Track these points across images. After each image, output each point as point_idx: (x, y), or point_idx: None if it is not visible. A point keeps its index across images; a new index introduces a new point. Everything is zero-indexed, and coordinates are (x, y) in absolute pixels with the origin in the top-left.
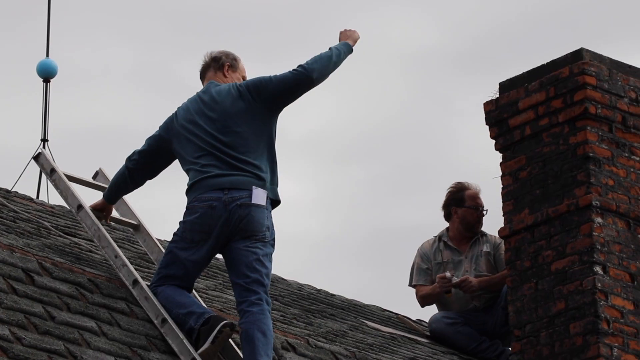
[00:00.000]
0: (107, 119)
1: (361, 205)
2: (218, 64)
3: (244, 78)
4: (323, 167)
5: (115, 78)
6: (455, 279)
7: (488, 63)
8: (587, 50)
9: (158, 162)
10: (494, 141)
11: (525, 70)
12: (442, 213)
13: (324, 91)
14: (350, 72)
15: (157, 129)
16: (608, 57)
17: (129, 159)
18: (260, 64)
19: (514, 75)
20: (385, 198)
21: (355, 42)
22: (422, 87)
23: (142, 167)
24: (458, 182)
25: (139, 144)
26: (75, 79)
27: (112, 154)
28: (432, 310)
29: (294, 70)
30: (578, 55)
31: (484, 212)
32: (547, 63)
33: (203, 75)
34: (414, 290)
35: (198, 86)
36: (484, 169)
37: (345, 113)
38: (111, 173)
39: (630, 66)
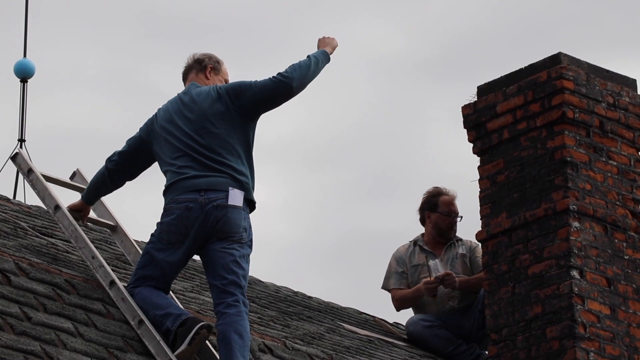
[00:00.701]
0: (78, 122)
1: (330, 210)
2: (200, 66)
3: (226, 81)
4: (292, 172)
5: (85, 81)
6: (438, 272)
7: (456, 69)
8: (565, 55)
9: (138, 164)
10: (471, 144)
11: (502, 75)
12: (417, 216)
13: (294, 99)
14: (320, 78)
15: (138, 130)
16: (586, 62)
17: (109, 160)
18: (232, 69)
19: (492, 79)
20: (353, 203)
21: (333, 49)
22: (390, 93)
23: (122, 168)
24: (435, 187)
25: (109, 148)
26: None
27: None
28: (409, 313)
29: (273, 78)
30: (556, 60)
31: (457, 219)
32: (525, 67)
33: (185, 76)
34: (388, 294)
35: (169, 90)
36: (452, 175)
37: (314, 119)
38: (87, 175)
39: (607, 71)
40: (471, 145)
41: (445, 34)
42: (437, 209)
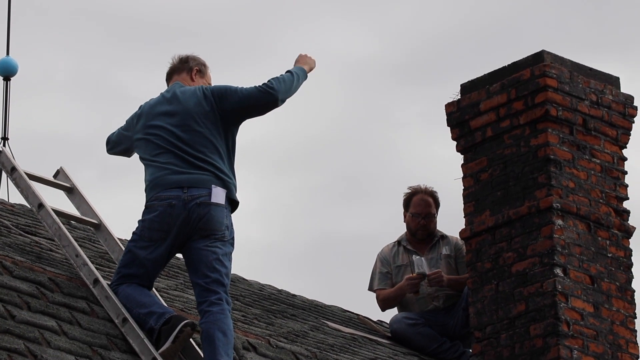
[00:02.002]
0: (49, 125)
1: (301, 214)
2: (186, 68)
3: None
4: (263, 176)
5: (55, 85)
6: (425, 272)
7: (426, 73)
8: (549, 53)
9: (127, 150)
10: (454, 143)
11: (485, 73)
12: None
13: None
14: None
15: (125, 122)
16: (569, 60)
17: (107, 140)
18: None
19: (475, 77)
20: (324, 207)
21: (310, 70)
22: (361, 97)
23: (115, 151)
24: (415, 185)
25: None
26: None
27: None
28: (393, 311)
29: (260, 87)
30: (539, 58)
31: (423, 221)
32: (509, 65)
33: (169, 77)
34: (365, 295)
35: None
36: (422, 179)
37: (285, 122)
38: (70, 174)
39: (591, 69)
40: (454, 143)
41: (415, 38)
42: (408, 209)
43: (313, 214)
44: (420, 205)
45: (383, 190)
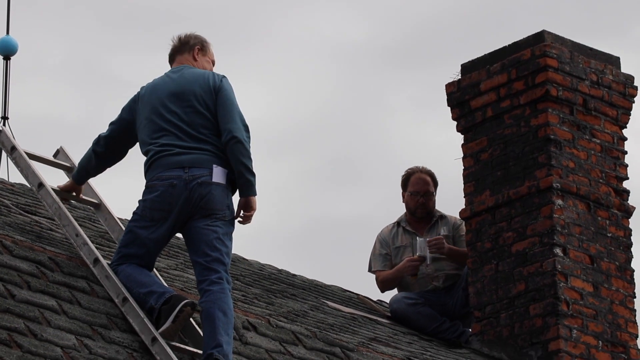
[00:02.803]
0: (42, 109)
1: (292, 197)
2: (187, 47)
3: (213, 62)
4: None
5: (49, 69)
6: (427, 256)
7: (418, 57)
8: (549, 33)
9: (124, 144)
10: (454, 123)
11: (487, 52)
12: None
13: (256, 84)
14: (282, 65)
15: (120, 111)
16: (570, 40)
17: (95, 143)
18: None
19: (475, 57)
20: (316, 191)
21: (252, 201)
22: (352, 81)
23: (108, 151)
24: (413, 166)
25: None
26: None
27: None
28: (393, 291)
29: (237, 133)
30: (540, 38)
31: (422, 199)
32: (509, 45)
33: (172, 58)
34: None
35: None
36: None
37: (276, 106)
38: (70, 153)
39: (591, 49)
40: (453, 124)
41: (407, 22)
42: (407, 188)
43: (304, 198)
44: (418, 183)
45: (374, 173)
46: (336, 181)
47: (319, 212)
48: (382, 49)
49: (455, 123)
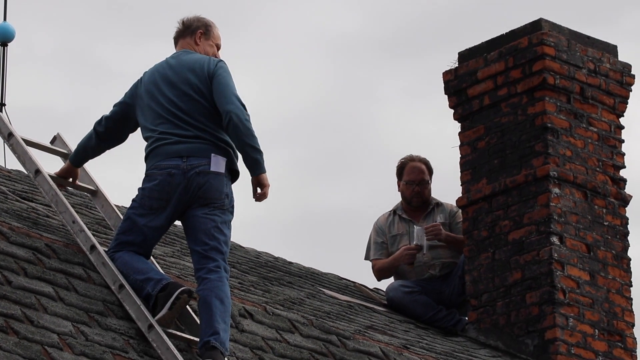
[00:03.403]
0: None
1: (285, 188)
2: (189, 31)
3: (218, 46)
4: None
5: (38, 58)
6: (424, 244)
7: (410, 48)
8: (546, 21)
9: (125, 127)
10: (452, 111)
11: (483, 40)
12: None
13: (248, 76)
14: (274, 56)
15: (123, 95)
16: (567, 28)
17: (97, 123)
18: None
19: (472, 45)
20: (307, 181)
21: (263, 177)
22: (344, 72)
23: (109, 132)
24: (408, 155)
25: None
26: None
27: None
28: (389, 279)
29: (236, 106)
30: (537, 26)
31: (417, 188)
32: (506, 33)
33: (176, 42)
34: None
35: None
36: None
37: (269, 97)
38: (67, 140)
39: (589, 37)
40: (452, 111)
41: (399, 13)
42: (402, 177)
43: (296, 189)
44: (413, 172)
45: (366, 164)
46: (328, 172)
47: (311, 203)
48: (374, 40)
49: (452, 111)
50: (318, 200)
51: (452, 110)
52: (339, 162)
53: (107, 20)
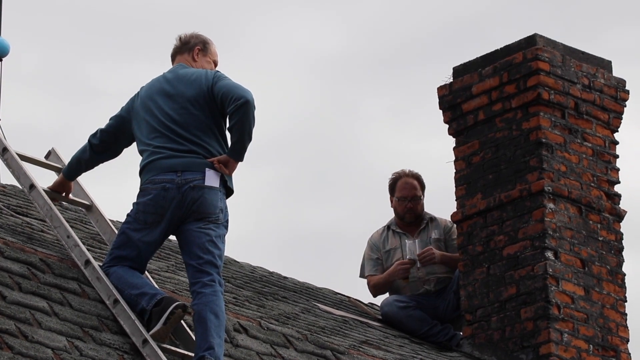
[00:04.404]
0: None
1: (270, 207)
2: (187, 47)
3: (215, 63)
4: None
5: (21, 77)
6: (417, 258)
7: (394, 67)
8: (541, 36)
9: (120, 142)
10: (446, 126)
11: (478, 56)
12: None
13: None
14: (259, 74)
15: (120, 109)
16: (562, 43)
17: (92, 136)
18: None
19: (467, 60)
20: (293, 200)
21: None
22: (330, 91)
23: (104, 145)
24: (399, 170)
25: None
26: None
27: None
28: (384, 294)
29: (243, 94)
30: (532, 41)
31: (410, 204)
32: (501, 48)
33: (173, 58)
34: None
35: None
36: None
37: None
38: (62, 155)
39: (583, 52)
40: (447, 126)
41: (384, 32)
42: (394, 193)
43: (282, 207)
44: (405, 188)
45: (350, 182)
46: (312, 190)
47: (296, 221)
48: (358, 59)
49: (435, 129)
50: (302, 219)
51: (447, 125)
52: (323, 180)
53: (92, 38)
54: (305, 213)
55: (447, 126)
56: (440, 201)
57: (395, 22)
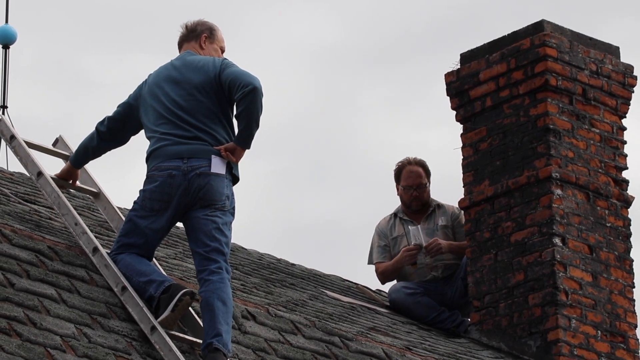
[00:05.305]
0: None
1: (268, 199)
2: (194, 35)
3: (222, 49)
4: None
5: (18, 68)
6: (422, 243)
7: (391, 58)
8: (548, 22)
9: (127, 129)
10: (454, 112)
11: (485, 42)
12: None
13: None
14: (256, 66)
15: (127, 96)
16: (569, 29)
17: (100, 124)
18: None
19: (475, 47)
20: (290, 192)
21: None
22: (327, 82)
23: (111, 132)
24: (404, 158)
25: (37, 135)
26: None
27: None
28: (392, 281)
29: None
30: (539, 27)
31: (415, 192)
32: (509, 34)
33: (180, 46)
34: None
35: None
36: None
37: None
38: (69, 142)
39: (591, 38)
40: (446, 116)
41: (380, 23)
42: (400, 182)
43: (280, 199)
44: (410, 177)
45: (347, 173)
46: (310, 182)
47: (294, 213)
48: (355, 50)
49: (432, 120)
50: (300, 210)
51: (454, 112)
52: (321, 171)
53: (89, 30)
54: (303, 204)
55: (446, 116)
56: (440, 190)
57: (392, 14)
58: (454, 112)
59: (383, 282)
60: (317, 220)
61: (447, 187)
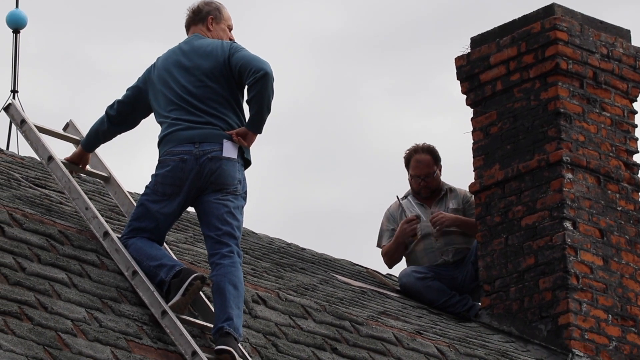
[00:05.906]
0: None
1: (272, 187)
2: (200, 17)
3: (230, 27)
4: None
5: (24, 58)
6: (420, 214)
7: (396, 48)
8: (559, 6)
9: (137, 113)
10: (464, 96)
11: (496, 26)
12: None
13: None
14: (260, 54)
15: (137, 79)
16: (580, 13)
17: (110, 107)
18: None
19: (485, 30)
20: (294, 180)
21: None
22: (330, 71)
23: (121, 116)
24: (413, 146)
25: (47, 123)
26: None
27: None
28: (402, 265)
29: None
30: (550, 11)
31: (423, 182)
32: (519, 18)
33: (187, 28)
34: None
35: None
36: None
37: None
38: (80, 127)
39: (601, 22)
40: (464, 97)
41: (384, 11)
42: (409, 170)
43: (283, 186)
44: (418, 167)
45: (351, 162)
46: (314, 170)
47: (298, 200)
48: (358, 38)
49: (436, 108)
50: (304, 198)
51: (465, 96)
52: (324, 159)
53: (94, 19)
54: (307, 192)
55: (450, 103)
56: (443, 178)
57: (396, 2)
58: (464, 96)
59: (389, 264)
60: (321, 208)
61: (451, 175)
